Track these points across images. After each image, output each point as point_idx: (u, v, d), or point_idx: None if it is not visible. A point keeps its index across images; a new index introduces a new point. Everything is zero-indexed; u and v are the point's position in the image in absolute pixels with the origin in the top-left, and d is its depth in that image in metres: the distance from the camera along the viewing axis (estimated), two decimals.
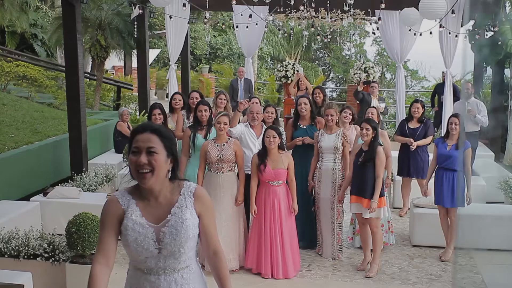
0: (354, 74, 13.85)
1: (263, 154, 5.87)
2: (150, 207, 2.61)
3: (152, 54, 24.13)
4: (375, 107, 7.48)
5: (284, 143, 6.97)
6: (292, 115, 12.52)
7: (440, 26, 10.49)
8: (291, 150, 6.54)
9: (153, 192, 2.60)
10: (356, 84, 12.85)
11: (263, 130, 6.44)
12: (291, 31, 15.99)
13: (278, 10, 11.71)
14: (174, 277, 2.62)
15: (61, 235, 5.61)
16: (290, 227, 5.97)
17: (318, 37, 14.87)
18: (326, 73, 29.38)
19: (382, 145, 6.08)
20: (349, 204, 6.14)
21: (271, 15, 12.77)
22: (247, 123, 6.55)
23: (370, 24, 13.96)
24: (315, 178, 6.45)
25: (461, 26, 11.15)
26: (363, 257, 6.25)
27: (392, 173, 8.19)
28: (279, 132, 5.88)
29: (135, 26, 10.74)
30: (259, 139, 6.30)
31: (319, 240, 6.59)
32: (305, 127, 6.74)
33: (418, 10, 9.27)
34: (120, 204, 2.61)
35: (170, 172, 2.61)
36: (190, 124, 6.90)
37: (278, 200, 5.86)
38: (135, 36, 11.58)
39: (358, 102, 11.34)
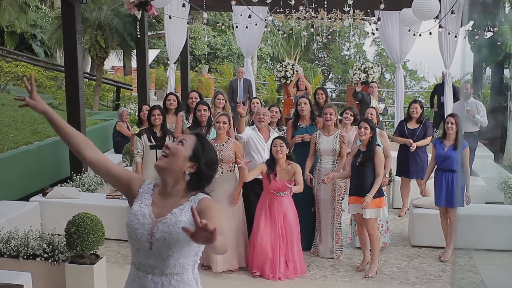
0: (354, 75, 13.85)
1: (271, 164, 5.79)
2: (160, 201, 2.66)
3: (152, 54, 24.13)
4: (374, 108, 7.46)
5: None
6: (291, 115, 12.56)
7: (440, 26, 10.49)
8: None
9: (166, 186, 2.67)
10: (355, 85, 12.86)
11: (270, 133, 6.43)
12: (291, 32, 16.00)
13: (278, 10, 11.72)
14: (161, 280, 2.59)
15: (60, 235, 5.61)
16: (297, 234, 5.95)
17: (318, 37, 14.83)
18: (326, 74, 29.40)
19: (380, 146, 6.07)
20: (348, 205, 6.11)
21: (270, 15, 12.78)
22: (254, 126, 6.50)
23: (370, 24, 13.97)
24: (315, 180, 6.44)
25: (461, 26, 11.16)
26: (363, 258, 6.25)
27: (391, 174, 8.20)
28: (287, 142, 5.84)
29: (138, 26, 10.73)
30: (267, 143, 6.21)
31: (315, 241, 6.59)
32: (305, 127, 6.74)
33: None
34: (141, 185, 2.74)
35: (188, 177, 2.64)
36: (190, 125, 6.90)
37: (284, 210, 5.81)
38: (137, 36, 11.57)
39: (357, 102, 11.34)
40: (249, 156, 6.21)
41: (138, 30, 10.97)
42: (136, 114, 12.04)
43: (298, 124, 6.78)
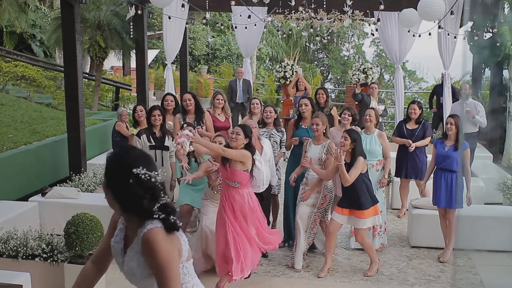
0: (353, 75, 13.84)
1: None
2: (130, 233, 2.44)
3: (151, 54, 24.12)
4: (373, 109, 7.39)
5: (284, 144, 6.96)
6: (290, 116, 12.58)
7: (439, 27, 10.50)
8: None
9: None
10: (354, 86, 12.87)
11: (262, 143, 6.27)
12: (290, 32, 15.98)
13: (277, 11, 11.72)
14: None
15: (59, 235, 5.61)
16: (258, 219, 5.54)
17: (317, 37, 14.83)
18: (325, 74, 29.41)
19: (364, 157, 5.90)
20: (339, 214, 5.92)
21: (270, 16, 12.78)
22: None
23: (369, 25, 13.96)
24: (302, 186, 6.27)
25: (460, 27, 11.17)
26: (325, 262, 6.13)
27: (390, 174, 8.20)
28: (248, 131, 5.43)
29: (131, 26, 10.72)
30: (263, 154, 6.07)
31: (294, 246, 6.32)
32: (306, 128, 6.72)
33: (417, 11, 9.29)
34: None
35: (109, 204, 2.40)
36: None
37: (235, 204, 5.37)
38: (131, 36, 11.55)
39: (356, 103, 11.35)
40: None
41: (131, 29, 10.91)
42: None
43: (300, 124, 6.77)
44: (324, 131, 6.19)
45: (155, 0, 8.76)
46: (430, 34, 10.82)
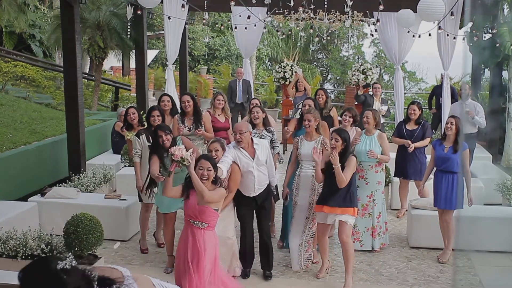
0: (352, 76, 13.84)
1: (189, 185, 4.76)
2: None
3: (150, 54, 24.12)
4: (371, 110, 7.19)
5: (275, 143, 6.92)
6: (290, 116, 12.58)
7: (439, 28, 10.50)
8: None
9: None
10: (356, 86, 12.86)
11: (254, 145, 5.87)
12: (289, 32, 15.97)
13: (277, 11, 11.72)
14: None
15: (59, 235, 5.61)
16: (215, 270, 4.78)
17: (317, 38, 14.84)
18: (324, 75, 29.42)
19: (355, 156, 5.85)
20: (318, 214, 5.90)
21: (269, 16, 12.78)
22: (235, 144, 5.82)
23: (369, 25, 13.97)
24: (294, 185, 6.21)
25: (460, 28, 11.16)
26: (321, 264, 6.12)
27: (389, 175, 8.21)
28: (214, 163, 4.88)
29: (128, 26, 10.71)
30: (256, 159, 5.77)
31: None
32: None
33: (415, 12, 9.28)
34: None
35: None
36: (187, 127, 6.94)
37: (201, 247, 4.64)
38: (129, 36, 11.53)
39: (356, 103, 11.35)
40: (244, 179, 5.69)
41: (128, 29, 10.87)
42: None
43: (302, 125, 6.75)
44: (316, 127, 6.16)
45: (142, 0, 8.77)
46: (430, 34, 10.81)
